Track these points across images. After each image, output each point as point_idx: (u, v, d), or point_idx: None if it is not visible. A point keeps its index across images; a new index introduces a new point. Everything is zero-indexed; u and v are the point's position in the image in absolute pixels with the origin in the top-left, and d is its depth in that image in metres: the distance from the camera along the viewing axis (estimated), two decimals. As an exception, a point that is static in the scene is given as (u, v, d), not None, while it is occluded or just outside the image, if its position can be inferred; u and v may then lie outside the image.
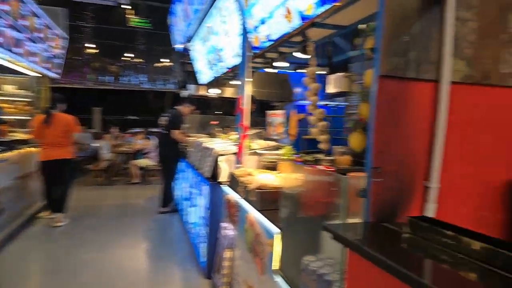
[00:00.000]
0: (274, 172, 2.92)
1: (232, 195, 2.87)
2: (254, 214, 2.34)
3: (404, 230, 1.20)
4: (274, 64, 3.27)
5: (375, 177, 1.30)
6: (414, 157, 1.36)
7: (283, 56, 3.11)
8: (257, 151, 3.25)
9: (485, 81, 1.41)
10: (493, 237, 0.96)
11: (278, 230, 1.96)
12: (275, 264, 1.95)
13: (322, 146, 2.40)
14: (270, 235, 2.05)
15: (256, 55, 3.24)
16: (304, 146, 5.30)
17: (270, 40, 2.93)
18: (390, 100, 1.31)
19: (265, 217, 2.17)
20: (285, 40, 2.75)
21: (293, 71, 7.53)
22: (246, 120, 3.20)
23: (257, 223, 2.26)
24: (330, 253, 1.66)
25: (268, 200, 2.28)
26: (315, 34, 2.74)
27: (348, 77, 7.69)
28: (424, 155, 1.37)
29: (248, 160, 3.16)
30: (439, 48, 1.34)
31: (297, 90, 7.35)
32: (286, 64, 3.39)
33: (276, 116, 3.63)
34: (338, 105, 7.59)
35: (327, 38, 3.26)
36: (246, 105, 3.18)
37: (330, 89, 8.04)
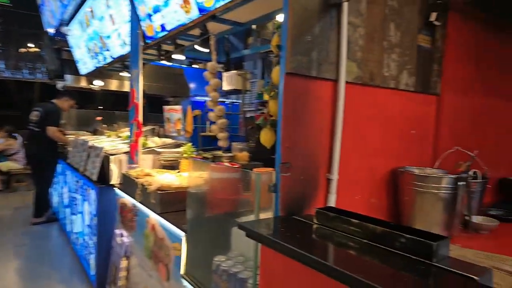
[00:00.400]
0: (174, 171, 2.79)
1: (127, 198, 2.62)
2: (155, 217, 2.18)
3: (313, 221, 1.27)
4: (171, 56, 3.09)
5: (284, 172, 1.34)
6: (318, 151, 1.44)
7: (180, 49, 2.97)
8: (155, 149, 3.05)
9: (371, 82, 1.59)
10: (392, 222, 1.08)
11: (183, 233, 1.86)
12: (182, 268, 1.85)
13: (221, 143, 2.38)
14: (175, 239, 1.93)
15: (149, 46, 3.01)
16: (201, 143, 5.22)
17: (165, 30, 2.76)
18: (296, 97, 1.35)
19: (168, 220, 2.03)
20: (181, 31, 2.62)
21: (188, 66, 7.35)
22: (140, 115, 2.95)
23: (160, 227, 2.11)
24: (241, 251, 1.65)
25: (170, 202, 2.14)
26: (213, 28, 2.69)
27: (242, 75, 7.86)
28: (326, 149, 1.46)
29: (144, 159, 2.94)
30: (337, 50, 1.44)
31: (192, 85, 7.20)
32: (183, 57, 3.25)
33: (174, 112, 3.46)
34: (233, 102, 7.73)
35: (224, 34, 3.25)
36: (139, 99, 2.94)
37: (225, 86, 8.12)
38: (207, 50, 2.46)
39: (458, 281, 0.83)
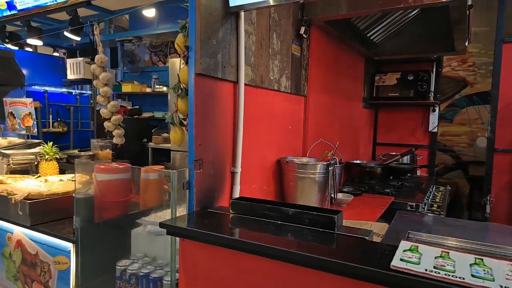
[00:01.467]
0: (32, 176, 2.39)
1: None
2: (22, 232, 1.85)
3: (229, 211, 1.39)
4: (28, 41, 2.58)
5: (197, 168, 1.40)
6: (224, 147, 1.56)
7: (35, 33, 2.53)
8: (1, 151, 2.51)
9: (262, 84, 1.80)
10: (297, 204, 1.30)
11: (71, 244, 1.67)
12: (72, 281, 1.66)
13: (116, 140, 2.20)
14: (58, 252, 1.71)
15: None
16: (46, 140, 4.53)
17: (14, 9, 2.31)
18: (205, 97, 1.43)
19: (45, 232, 1.77)
20: (39, 13, 2.25)
21: (20, 49, 6.12)
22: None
23: (31, 242, 1.82)
24: (144, 252, 1.62)
25: (43, 212, 1.86)
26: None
27: (91, 63, 7.13)
28: (230, 145, 1.59)
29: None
30: (236, 54, 1.58)
31: (26, 72, 6.08)
32: (39, 43, 2.76)
33: (21, 105, 2.90)
34: (81, 93, 6.88)
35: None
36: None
37: (70, 75, 7.14)
38: (78, 39, 2.19)
39: (356, 241, 1.11)
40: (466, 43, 2.63)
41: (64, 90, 6.64)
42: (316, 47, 2.35)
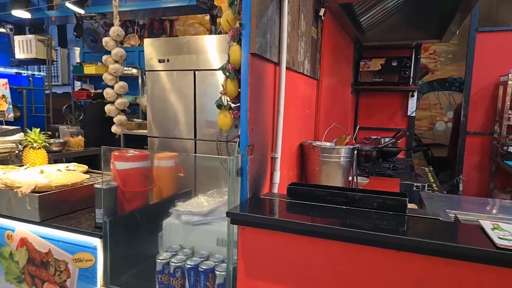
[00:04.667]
0: (14, 167, 2.13)
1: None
2: (28, 229, 1.65)
3: (285, 198, 1.35)
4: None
5: (250, 154, 1.33)
6: (267, 132, 1.50)
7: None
8: (-22, 139, 2.20)
9: (293, 67, 1.75)
10: (361, 189, 1.30)
11: (97, 239, 1.52)
12: (100, 280, 1.53)
13: (116, 129, 2.00)
14: (78, 248, 1.56)
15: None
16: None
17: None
18: (256, 79, 1.35)
19: (60, 227, 1.60)
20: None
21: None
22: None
23: (41, 240, 1.63)
24: (180, 244, 1.53)
25: (54, 205, 1.67)
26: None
27: (44, 41, 6.48)
28: (271, 129, 1.54)
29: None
30: (279, 34, 1.51)
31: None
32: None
33: (-7, 87, 2.54)
34: (34, 74, 6.21)
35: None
36: None
37: (19, 54, 6.44)
38: (82, 12, 1.95)
39: (432, 221, 1.13)
40: (457, 32, 2.78)
41: (14, 71, 5.95)
42: (327, 30, 2.33)
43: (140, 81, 5.63)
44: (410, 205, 1.79)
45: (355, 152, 1.93)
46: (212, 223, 1.48)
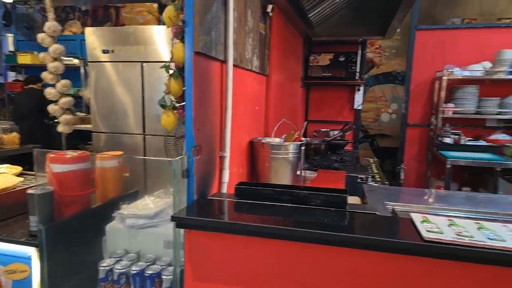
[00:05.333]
0: None
1: None
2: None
3: (232, 198, 1.35)
4: None
5: (196, 155, 1.31)
6: (215, 131, 1.48)
7: None
8: None
9: (240, 64, 1.74)
10: (306, 186, 1.33)
11: (31, 248, 1.41)
12: (37, 292, 1.43)
13: (63, 129, 1.86)
14: (12, 259, 1.44)
15: None
16: None
17: None
18: (201, 77, 1.32)
19: (-12, 237, 1.46)
20: None
21: None
22: None
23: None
24: (124, 248, 1.48)
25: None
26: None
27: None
28: (219, 128, 1.52)
29: None
30: (225, 31, 1.48)
31: None
32: None
33: None
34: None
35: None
36: None
37: None
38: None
39: (369, 216, 1.20)
40: (398, 29, 2.94)
41: None
42: (276, 26, 2.34)
43: (82, 72, 5.28)
44: (353, 198, 1.88)
45: (303, 148, 1.98)
46: (159, 225, 1.44)
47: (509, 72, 3.52)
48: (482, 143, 3.67)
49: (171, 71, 1.31)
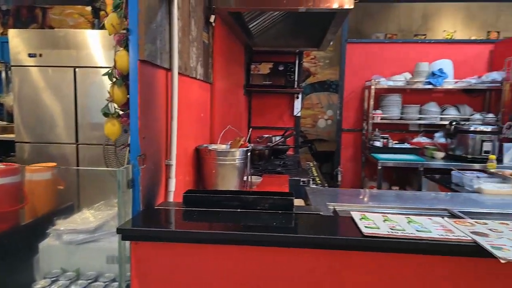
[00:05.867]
0: None
1: None
2: None
3: (180, 206, 1.34)
4: None
5: (142, 164, 1.28)
6: (160, 139, 1.46)
7: None
8: None
9: (185, 72, 1.73)
10: (254, 191, 1.37)
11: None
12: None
13: None
14: None
15: None
16: None
17: None
18: (146, 85, 1.30)
19: None
20: None
21: None
22: None
23: None
24: (64, 265, 1.39)
25: None
26: None
27: None
28: (164, 136, 1.50)
29: None
30: (169, 40, 1.48)
31: None
32: None
33: None
34: None
35: None
36: None
37: None
38: None
39: (314, 217, 1.27)
40: (332, 42, 3.15)
41: None
42: (218, 36, 2.37)
43: (3, 77, 4.79)
44: (297, 201, 1.97)
45: (248, 154, 2.03)
46: (100, 239, 1.38)
47: (426, 82, 3.97)
48: (406, 145, 4.07)
49: (114, 79, 1.26)
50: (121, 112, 1.31)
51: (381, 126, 4.18)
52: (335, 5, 2.05)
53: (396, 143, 4.08)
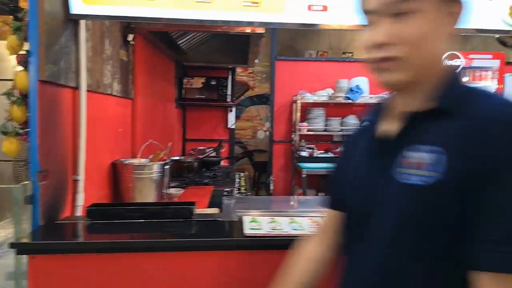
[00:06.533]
0: None
1: None
2: None
3: (84, 220, 1.41)
4: None
5: (42, 180, 1.33)
6: (66, 154, 1.51)
7: None
8: None
9: (98, 89, 1.80)
10: (158, 202, 1.47)
11: None
12: None
13: None
14: None
15: None
16: None
17: None
18: (48, 104, 1.36)
19: None
20: None
21: None
22: None
23: None
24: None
25: None
26: None
27: None
28: (72, 152, 1.55)
29: None
30: (76, 60, 1.55)
31: None
32: None
33: None
34: None
35: None
36: None
37: None
38: None
39: (213, 223, 1.41)
40: (257, 60, 3.38)
41: None
42: (140, 53, 2.46)
43: None
44: (212, 210, 2.10)
45: (166, 167, 2.12)
46: (2, 257, 1.39)
47: (346, 97, 4.37)
48: (330, 155, 4.42)
49: (13, 98, 1.31)
50: (21, 131, 1.35)
51: (308, 137, 4.50)
52: (247, 30, 2.25)
53: (321, 153, 4.41)
